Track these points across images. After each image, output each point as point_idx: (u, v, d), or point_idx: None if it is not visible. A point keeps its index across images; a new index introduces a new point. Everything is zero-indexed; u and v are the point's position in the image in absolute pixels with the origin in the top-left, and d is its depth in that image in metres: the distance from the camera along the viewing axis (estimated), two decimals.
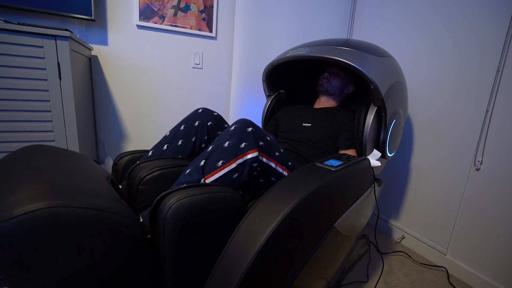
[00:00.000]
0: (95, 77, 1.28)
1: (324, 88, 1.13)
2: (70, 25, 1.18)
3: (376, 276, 1.09)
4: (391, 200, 1.46)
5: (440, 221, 1.23)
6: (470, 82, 1.11)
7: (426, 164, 1.29)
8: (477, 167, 1.08)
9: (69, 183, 0.48)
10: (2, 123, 0.83)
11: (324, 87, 1.13)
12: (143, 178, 0.70)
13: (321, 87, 1.14)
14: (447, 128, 1.19)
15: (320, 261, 0.70)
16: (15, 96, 0.83)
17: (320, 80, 1.14)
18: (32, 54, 0.83)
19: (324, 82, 1.13)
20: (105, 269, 0.46)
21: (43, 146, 0.62)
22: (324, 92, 1.15)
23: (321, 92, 1.16)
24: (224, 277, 0.51)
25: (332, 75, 1.13)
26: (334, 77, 1.13)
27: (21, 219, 0.37)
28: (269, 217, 0.55)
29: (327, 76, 1.13)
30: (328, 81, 1.13)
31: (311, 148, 1.02)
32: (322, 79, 1.14)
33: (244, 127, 0.68)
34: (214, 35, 1.45)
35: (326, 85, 1.13)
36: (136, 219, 0.50)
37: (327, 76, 1.13)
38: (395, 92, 0.96)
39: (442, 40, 1.20)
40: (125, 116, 1.39)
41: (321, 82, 1.13)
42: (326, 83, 1.13)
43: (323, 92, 1.15)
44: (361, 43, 0.98)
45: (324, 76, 1.14)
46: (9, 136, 0.84)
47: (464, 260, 1.13)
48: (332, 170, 0.70)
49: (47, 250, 0.39)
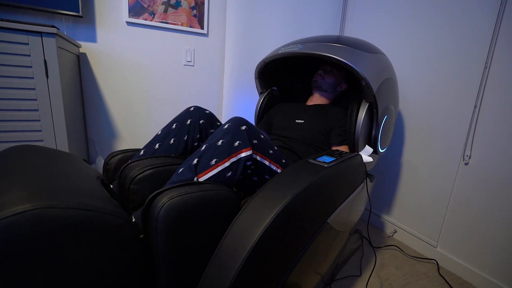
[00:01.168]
0: (84, 75, 1.26)
1: (318, 84, 1.15)
2: (57, 22, 1.14)
3: (369, 270, 1.11)
4: (383, 195, 1.48)
5: (430, 215, 1.25)
6: (458, 78, 1.13)
7: (416, 159, 1.31)
8: (466, 162, 1.11)
9: (58, 183, 0.47)
10: None
11: (318, 83, 1.15)
12: (135, 177, 0.69)
13: (315, 83, 1.15)
14: (437, 124, 1.21)
15: (314, 256, 0.71)
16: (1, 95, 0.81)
17: (315, 77, 1.16)
18: (17, 51, 0.81)
19: (318, 78, 1.15)
20: (97, 270, 0.45)
21: (31, 146, 0.61)
22: (318, 88, 1.16)
23: (315, 88, 1.17)
24: (219, 275, 0.51)
25: (326, 73, 1.15)
26: (328, 75, 1.15)
27: (8, 221, 0.36)
28: (262, 214, 0.55)
29: (321, 73, 1.15)
30: (322, 78, 1.15)
31: (304, 145, 1.03)
32: (316, 76, 1.16)
33: (237, 125, 0.68)
34: (205, 32, 1.44)
35: (320, 81, 1.15)
36: (128, 218, 0.49)
37: (321, 73, 1.15)
38: (386, 88, 0.97)
39: (432, 37, 1.22)
40: (116, 114, 1.36)
41: (316, 79, 1.16)
42: (320, 80, 1.15)
43: (316, 88, 1.17)
44: (352, 40, 0.99)
45: (319, 73, 1.16)
46: None
47: (454, 253, 1.16)
48: (325, 166, 0.70)
49: (36, 252, 0.38)
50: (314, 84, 1.16)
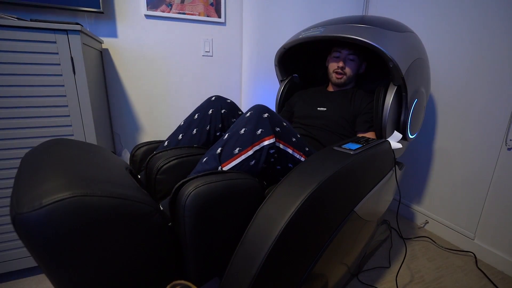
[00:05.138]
0: (107, 70, 1.29)
1: (340, 82, 1.05)
2: (79, 19, 1.18)
3: (398, 262, 1.06)
4: (413, 184, 1.41)
5: (467, 205, 1.17)
6: (499, 52, 1.01)
7: (451, 145, 1.22)
8: (509, 146, 1.01)
9: (92, 173, 0.48)
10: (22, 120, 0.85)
11: (340, 81, 1.05)
12: (161, 167, 0.70)
13: (337, 81, 1.05)
14: (474, 105, 1.11)
15: (340, 246, 0.69)
16: (33, 92, 0.85)
17: (334, 75, 1.05)
18: (46, 50, 0.84)
19: (339, 76, 1.04)
20: (128, 255, 0.47)
21: (65, 140, 0.64)
22: (340, 85, 1.07)
23: (336, 85, 1.09)
24: (244, 264, 0.51)
25: (347, 63, 1.03)
26: (349, 65, 1.03)
27: (50, 208, 0.38)
28: (287, 202, 0.54)
29: (341, 68, 1.02)
30: (343, 74, 1.03)
31: (327, 133, 0.99)
32: (336, 74, 1.04)
33: (260, 113, 0.66)
34: (223, 21, 1.42)
35: (342, 79, 1.04)
36: (157, 207, 0.50)
37: (341, 68, 1.02)
38: (416, 69, 0.90)
39: (469, 10, 1.10)
40: (138, 108, 1.40)
41: (338, 77, 1.04)
42: (341, 77, 1.04)
43: (338, 85, 1.08)
44: (377, 19, 0.92)
45: (339, 69, 1.03)
46: (29, 132, 0.86)
47: (494, 245, 1.08)
48: (351, 154, 0.68)
49: (75, 237, 0.40)
50: (334, 81, 1.06)
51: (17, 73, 0.82)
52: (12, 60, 0.81)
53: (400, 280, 0.98)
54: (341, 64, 1.02)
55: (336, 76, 1.05)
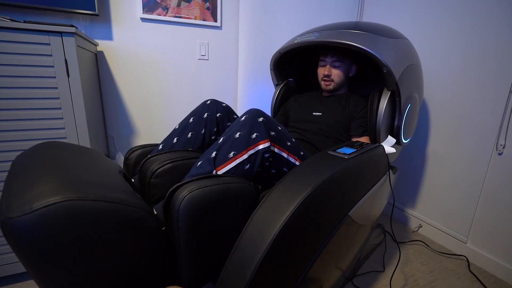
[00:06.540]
0: (101, 73, 1.29)
1: (329, 89, 1.07)
2: (74, 21, 1.17)
3: (392, 266, 1.07)
4: (407, 188, 1.42)
5: (459, 209, 1.18)
6: (490, 59, 1.04)
7: (443, 150, 1.24)
8: (500, 151, 1.03)
9: (84, 177, 0.48)
10: (14, 122, 0.84)
11: (330, 89, 1.06)
12: (155, 171, 0.69)
13: (326, 87, 1.07)
14: (466, 111, 1.14)
15: (335, 250, 0.69)
16: (26, 94, 0.84)
17: (322, 83, 1.07)
18: (39, 52, 0.83)
19: (327, 83, 1.05)
20: (121, 260, 0.46)
21: (57, 143, 0.63)
22: (331, 91, 1.08)
23: (327, 92, 1.10)
24: (239, 267, 0.51)
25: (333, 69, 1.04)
26: (335, 71, 1.04)
27: (41, 212, 0.37)
28: (282, 206, 0.54)
29: (327, 76, 1.04)
30: (330, 81, 1.05)
31: (322, 137, 1.00)
32: (324, 81, 1.06)
33: (255, 117, 0.66)
34: (219, 25, 1.42)
35: (332, 85, 1.06)
36: (150, 211, 0.50)
37: (327, 76, 1.04)
38: (410, 75, 0.92)
39: (461, 18, 1.13)
40: (133, 110, 1.39)
41: (326, 84, 1.06)
42: (330, 83, 1.05)
43: (329, 92, 1.09)
44: (372, 25, 0.94)
45: (325, 77, 1.04)
46: (22, 135, 0.85)
47: (486, 248, 1.09)
48: (345, 158, 0.68)
49: (66, 242, 0.39)
50: (324, 88, 1.08)
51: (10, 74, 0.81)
52: (4, 61, 0.80)
53: (394, 284, 0.98)
54: (327, 72, 1.04)
55: (324, 83, 1.07)
